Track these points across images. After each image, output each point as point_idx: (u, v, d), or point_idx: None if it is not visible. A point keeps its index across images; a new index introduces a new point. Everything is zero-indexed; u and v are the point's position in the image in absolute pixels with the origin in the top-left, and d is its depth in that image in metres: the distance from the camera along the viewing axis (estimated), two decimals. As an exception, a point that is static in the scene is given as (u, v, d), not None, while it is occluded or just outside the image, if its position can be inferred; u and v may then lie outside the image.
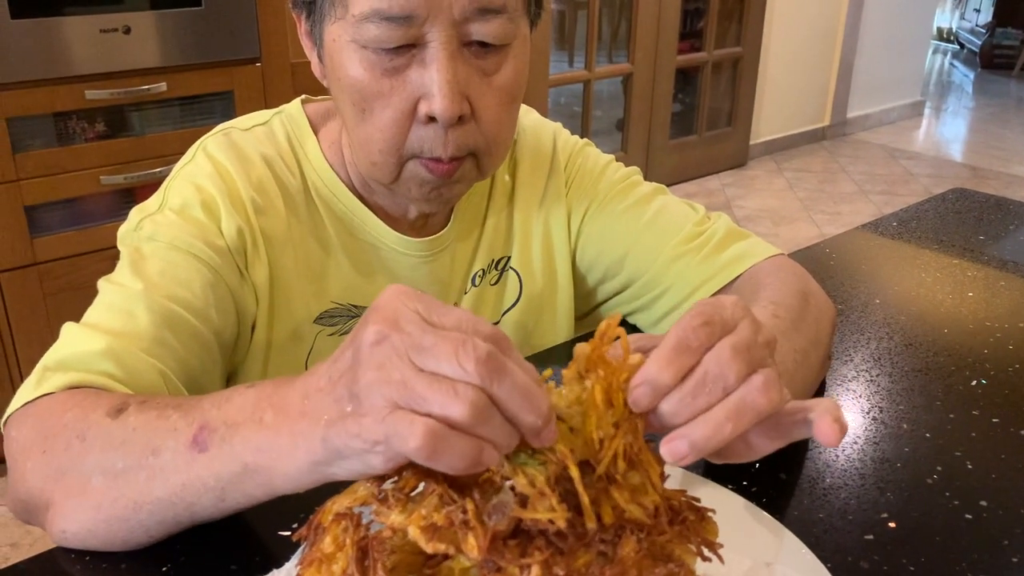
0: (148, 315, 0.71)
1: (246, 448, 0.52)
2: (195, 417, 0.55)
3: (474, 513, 0.46)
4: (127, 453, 0.57)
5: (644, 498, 0.48)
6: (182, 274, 0.75)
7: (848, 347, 0.90)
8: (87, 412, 0.61)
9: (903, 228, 1.23)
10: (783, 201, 4.25)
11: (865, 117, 5.38)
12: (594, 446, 0.48)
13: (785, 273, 0.84)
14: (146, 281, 0.73)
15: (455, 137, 0.74)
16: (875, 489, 0.68)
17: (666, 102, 4.24)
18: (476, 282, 0.92)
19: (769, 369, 0.50)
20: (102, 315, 0.72)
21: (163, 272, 0.74)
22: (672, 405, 0.48)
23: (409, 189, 0.78)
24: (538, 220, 0.94)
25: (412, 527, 0.47)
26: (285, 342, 0.84)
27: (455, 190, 0.79)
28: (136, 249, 0.76)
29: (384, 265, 0.87)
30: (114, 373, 0.67)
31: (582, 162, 0.96)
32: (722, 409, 0.48)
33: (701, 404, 0.48)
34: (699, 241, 0.89)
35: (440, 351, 0.44)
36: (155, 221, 0.78)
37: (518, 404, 0.45)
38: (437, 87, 0.71)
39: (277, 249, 0.82)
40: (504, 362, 0.45)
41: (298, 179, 0.85)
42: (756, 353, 0.50)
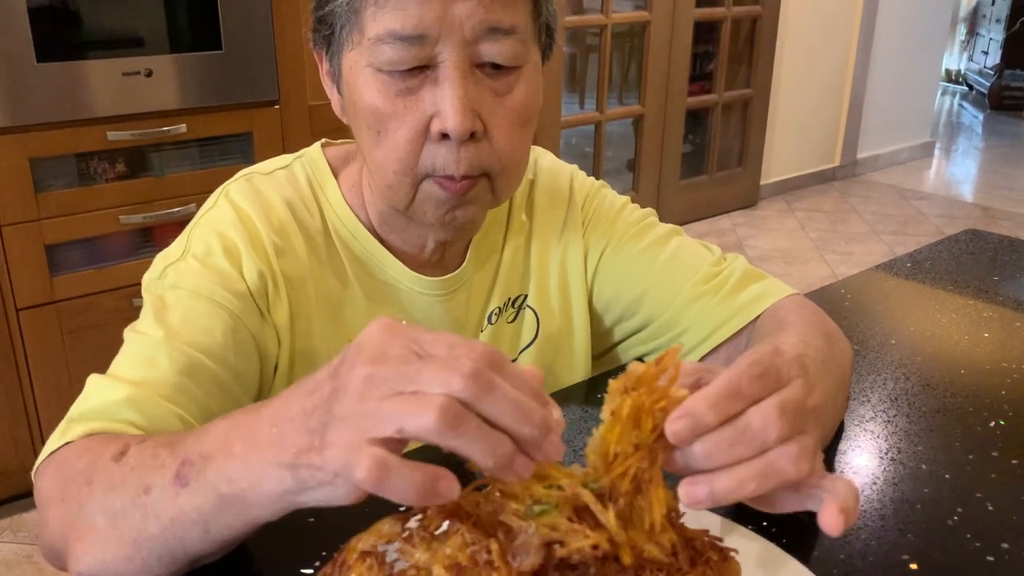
0: (169, 363, 0.73)
1: (219, 479, 0.53)
2: (179, 453, 0.57)
3: (498, 553, 0.46)
4: (124, 493, 0.59)
5: (661, 536, 0.49)
6: (203, 321, 0.76)
7: (865, 387, 0.90)
8: (96, 457, 0.63)
9: (917, 269, 1.24)
10: (795, 241, 4.26)
11: (875, 158, 5.40)
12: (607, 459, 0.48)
13: (807, 312, 0.84)
14: (167, 329, 0.75)
15: (467, 155, 0.75)
16: (895, 530, 0.68)
17: (677, 143, 4.27)
18: (493, 320, 0.93)
19: (807, 437, 0.51)
20: (125, 365, 0.74)
21: (185, 320, 0.76)
22: (707, 447, 0.49)
23: (425, 212, 0.80)
24: (555, 259, 0.95)
25: (437, 566, 0.48)
26: None
27: (469, 212, 0.80)
28: (159, 297, 0.78)
29: (401, 303, 0.89)
30: (135, 421, 0.68)
31: (599, 203, 0.97)
32: (749, 468, 0.49)
33: (736, 455, 0.49)
34: (716, 282, 0.90)
35: (424, 374, 0.45)
36: (178, 269, 0.80)
37: (511, 416, 0.45)
38: (449, 103, 0.73)
39: (297, 288, 0.83)
40: (492, 376, 0.45)
41: (318, 220, 0.86)
42: (801, 418, 0.51)
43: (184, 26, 2.21)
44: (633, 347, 0.97)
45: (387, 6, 0.72)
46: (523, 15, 0.75)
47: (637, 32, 4.33)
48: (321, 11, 0.78)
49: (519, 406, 0.45)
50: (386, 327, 0.48)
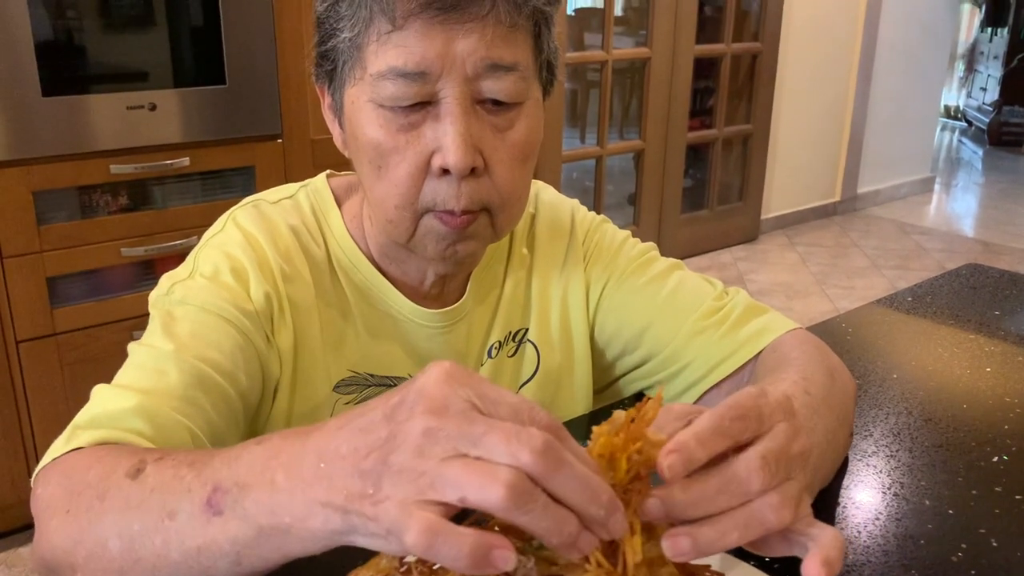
0: (179, 375, 0.72)
1: (260, 511, 0.51)
2: (208, 477, 0.54)
3: (497, 587, 0.46)
4: (143, 515, 0.56)
5: (661, 571, 0.48)
6: (212, 336, 0.76)
7: (867, 422, 0.90)
8: (109, 472, 0.60)
9: (918, 303, 1.24)
10: (796, 275, 4.26)
11: (875, 193, 5.42)
12: None
13: (809, 347, 0.84)
14: (177, 342, 0.74)
15: (468, 190, 0.75)
16: (899, 567, 0.67)
17: (677, 177, 4.29)
18: (493, 354, 0.93)
19: (792, 484, 0.51)
20: (133, 375, 0.73)
21: (194, 334, 0.76)
22: (692, 496, 0.48)
23: (425, 247, 0.80)
24: (556, 293, 0.95)
25: (436, 603, 0.47)
26: (306, 410, 0.85)
27: (470, 247, 0.80)
28: (167, 312, 0.78)
29: (401, 335, 0.88)
30: (144, 431, 0.67)
31: (600, 238, 0.97)
32: (731, 518, 0.49)
33: (721, 504, 0.49)
34: (718, 316, 0.90)
35: (491, 440, 0.43)
36: (186, 286, 0.80)
37: (579, 496, 0.44)
38: (450, 139, 0.73)
39: (303, 316, 0.83)
40: (562, 451, 0.44)
41: (322, 249, 0.87)
42: (784, 465, 0.50)
43: (188, 61, 2.23)
44: (635, 381, 0.97)
45: (389, 43, 0.73)
46: (525, 52, 0.76)
47: (638, 68, 4.37)
48: (324, 47, 0.79)
49: (588, 484, 0.44)
50: (448, 374, 0.46)
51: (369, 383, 0.88)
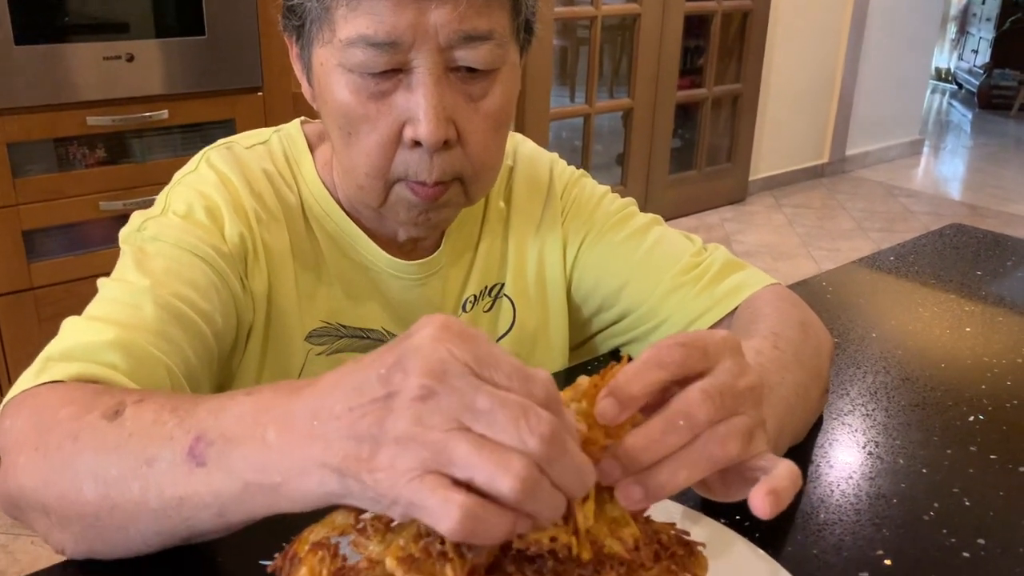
0: (155, 310, 0.70)
1: (247, 466, 0.48)
2: (191, 425, 0.52)
3: (452, 545, 0.45)
4: (121, 460, 0.54)
5: (623, 531, 0.47)
6: (187, 273, 0.74)
7: (844, 381, 0.89)
8: (83, 411, 0.57)
9: (900, 263, 1.22)
10: (782, 237, 4.25)
11: (864, 155, 5.40)
12: None
13: (784, 303, 0.83)
14: (152, 278, 0.72)
15: (440, 162, 0.74)
16: (871, 525, 0.67)
17: (666, 137, 4.26)
18: (468, 308, 0.91)
19: (741, 418, 0.49)
20: (106, 308, 0.70)
21: (168, 270, 0.73)
22: (639, 441, 0.47)
23: (397, 213, 0.78)
24: (533, 248, 0.94)
25: (389, 558, 0.46)
26: (278, 359, 0.83)
27: (442, 214, 0.79)
28: (139, 248, 0.76)
29: (375, 287, 0.87)
30: (119, 365, 0.65)
31: (578, 192, 0.95)
32: (678, 458, 0.47)
33: (671, 443, 0.47)
34: (696, 272, 0.88)
35: (499, 418, 0.41)
36: (159, 223, 0.78)
37: (575, 484, 0.43)
38: (422, 112, 0.71)
39: (277, 262, 0.82)
40: (565, 439, 0.42)
41: (295, 196, 0.85)
42: (731, 400, 0.49)
43: (167, 11, 2.18)
44: (612, 338, 0.96)
45: (359, 9, 0.70)
46: (501, 18, 0.73)
47: (628, 25, 4.31)
48: (291, 1, 0.76)
49: (583, 472, 0.43)
50: (444, 329, 0.43)
51: (341, 334, 0.86)
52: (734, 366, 0.50)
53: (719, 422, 0.48)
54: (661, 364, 0.48)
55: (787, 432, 0.68)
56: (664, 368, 0.48)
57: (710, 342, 0.51)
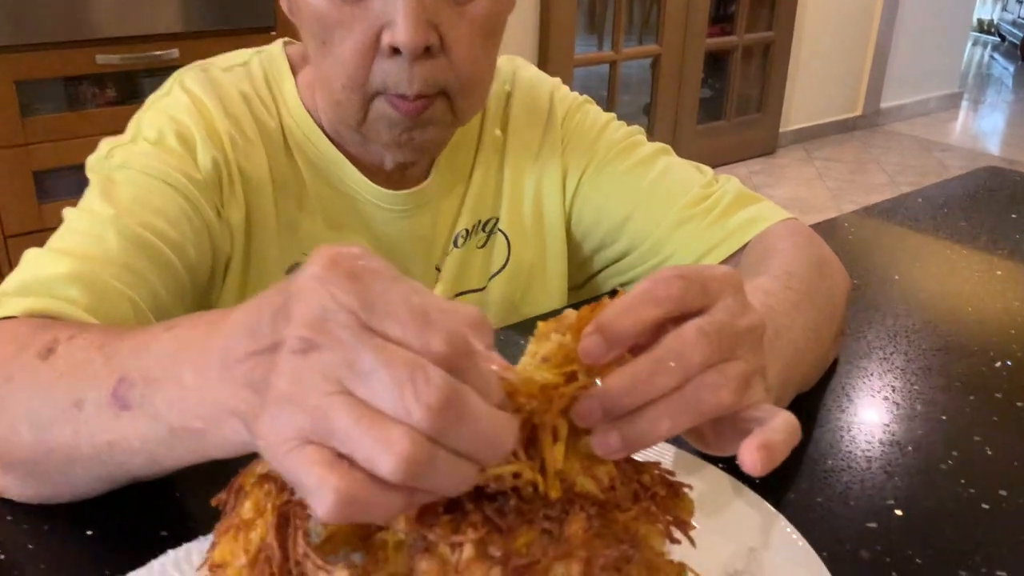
0: (119, 240, 0.66)
1: (171, 411, 0.44)
2: (116, 365, 0.48)
3: (402, 479, 0.40)
4: (52, 403, 0.50)
5: (598, 469, 0.42)
6: (157, 202, 0.70)
7: (862, 323, 0.83)
8: (19, 349, 0.54)
9: (928, 205, 1.15)
10: (812, 190, 4.15)
11: (899, 108, 5.24)
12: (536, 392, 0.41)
13: (799, 239, 0.77)
14: (118, 207, 0.68)
15: (422, 72, 0.68)
16: (882, 473, 0.62)
17: (695, 86, 4.14)
18: (459, 243, 0.86)
19: (736, 363, 0.43)
20: (68, 239, 0.66)
21: (136, 198, 0.69)
22: (624, 382, 0.41)
23: (378, 132, 0.73)
24: (530, 180, 0.88)
25: (337, 493, 0.41)
26: (258, 291, 0.79)
27: (427, 133, 0.73)
28: (107, 177, 0.71)
29: (360, 218, 0.82)
30: (78, 299, 0.61)
31: (580, 119, 0.89)
32: (662, 404, 0.41)
33: (659, 385, 0.41)
34: (706, 205, 0.82)
35: (381, 380, 0.34)
36: (128, 150, 0.73)
37: (480, 451, 0.35)
38: (400, 14, 0.65)
39: (256, 191, 0.77)
40: (466, 404, 0.34)
41: (276, 121, 0.80)
42: (728, 341, 0.43)
43: (178, -53, 2.12)
44: (614, 276, 0.90)
45: None
46: None
47: (656, -30, 4.18)
48: None
49: (494, 437, 0.36)
50: (329, 268, 0.36)
51: (324, 270, 0.82)
52: (734, 304, 0.45)
53: (712, 366, 0.42)
54: (655, 299, 0.43)
55: (795, 378, 0.63)
56: (659, 304, 0.42)
57: (710, 277, 0.45)
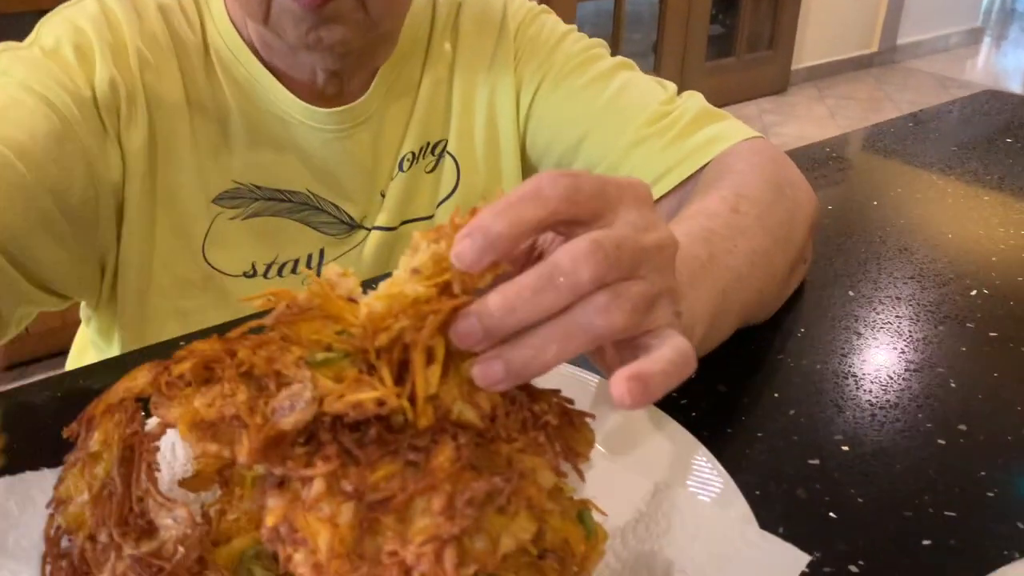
0: None
1: None
2: None
3: (245, 407, 0.35)
4: None
5: (478, 395, 0.37)
6: (26, 117, 0.64)
7: (831, 250, 0.77)
8: None
9: (920, 129, 1.09)
10: (823, 130, 4.04)
11: (917, 44, 5.08)
12: (406, 308, 0.36)
13: (761, 158, 0.71)
14: None
15: None
16: (832, 407, 0.57)
17: (704, 22, 4.02)
18: (404, 167, 0.81)
19: (635, 283, 0.37)
20: None
21: (5, 110, 0.64)
22: (507, 298, 0.35)
23: (284, 30, 0.67)
24: (482, 97, 0.82)
25: (181, 424, 0.37)
26: (174, 222, 0.74)
27: (336, 33, 0.67)
28: None
29: (292, 141, 0.76)
30: None
31: (536, 31, 0.83)
32: (548, 328, 0.36)
33: (544, 304, 0.36)
34: (665, 123, 0.76)
35: None
36: (16, 57, 0.68)
37: None
38: None
39: (165, 113, 0.71)
40: None
41: (198, 36, 0.74)
42: (629, 257, 0.37)
43: None
44: (572, 202, 0.84)
45: None
46: None
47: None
48: None
49: None
50: None
51: (256, 196, 0.77)
52: (638, 218, 0.39)
53: (608, 285, 0.37)
54: (539, 196, 0.37)
55: (733, 307, 0.57)
56: (542, 202, 0.37)
57: (607, 181, 0.39)
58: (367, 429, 0.37)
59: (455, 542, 0.33)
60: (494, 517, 0.36)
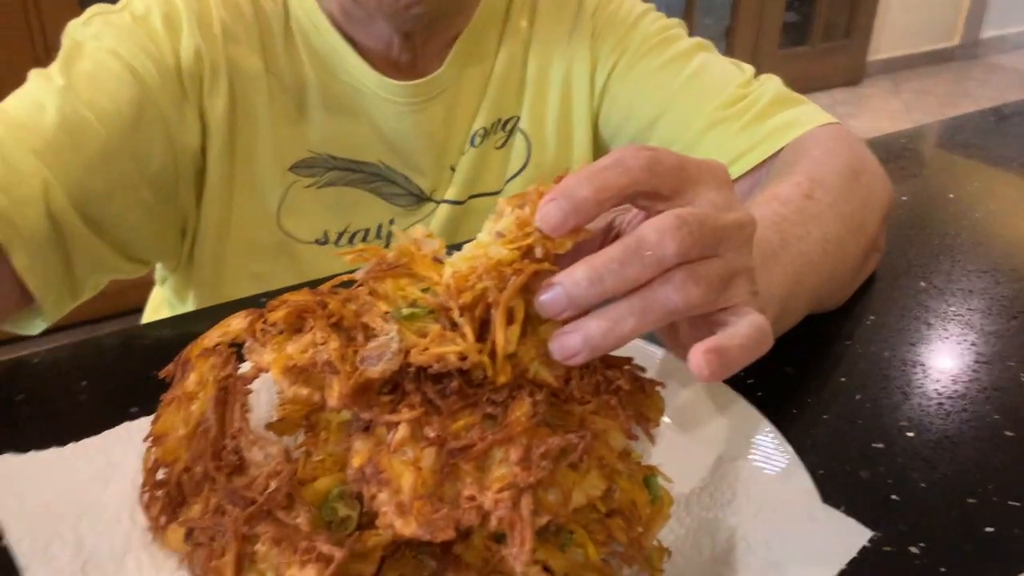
0: (56, 115, 0.65)
1: None
2: None
3: (337, 354, 0.37)
4: None
5: (554, 358, 0.39)
6: (112, 84, 0.68)
7: (904, 240, 0.77)
8: None
9: (1004, 124, 1.07)
10: (897, 124, 3.95)
11: (1001, 39, 4.92)
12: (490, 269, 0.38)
13: (838, 144, 0.70)
14: (69, 80, 0.67)
15: None
16: (898, 394, 0.57)
17: (779, 7, 3.95)
18: (476, 142, 0.82)
19: (714, 262, 0.38)
20: (13, 102, 0.66)
21: (92, 76, 0.67)
22: (595, 269, 0.37)
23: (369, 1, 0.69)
24: (557, 75, 0.83)
25: (275, 368, 0.39)
26: (252, 188, 0.76)
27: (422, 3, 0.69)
28: (77, 44, 0.70)
29: (366, 112, 0.78)
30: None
31: (614, 9, 0.83)
32: (626, 302, 0.37)
33: (629, 277, 0.37)
34: (742, 105, 0.76)
35: None
36: (108, 21, 0.71)
37: None
38: None
39: (246, 83, 0.74)
40: None
41: (279, 7, 0.76)
42: (711, 234, 0.38)
43: None
44: (643, 183, 0.85)
45: None
46: None
47: None
48: None
49: None
50: None
51: (331, 165, 0.79)
52: (718, 197, 0.40)
53: (690, 262, 0.38)
54: (621, 165, 0.38)
55: (803, 293, 0.57)
56: (624, 171, 0.38)
57: (687, 159, 0.40)
58: (448, 381, 0.38)
59: (531, 491, 0.35)
60: (566, 472, 0.38)
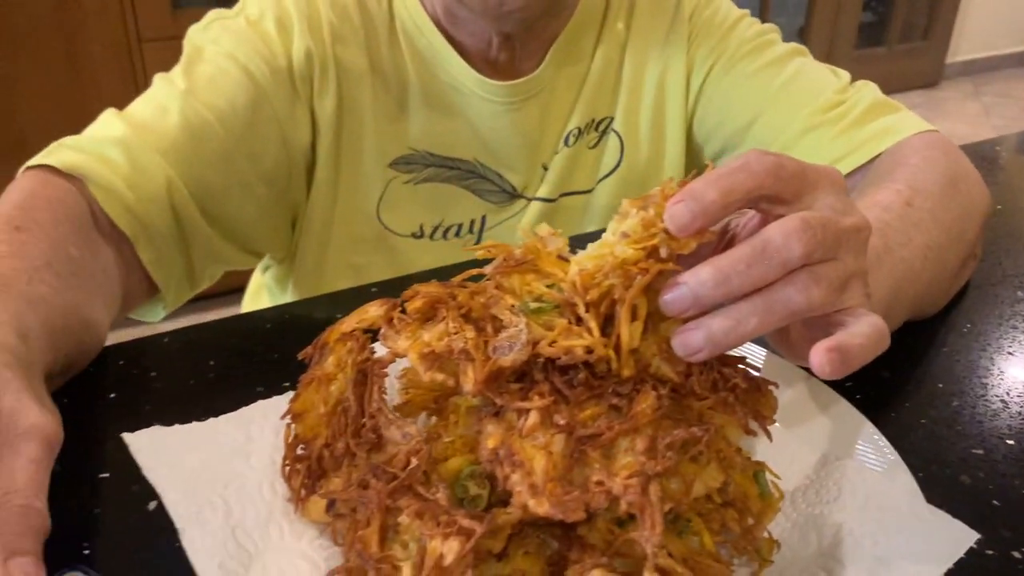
0: (179, 117, 0.69)
1: None
2: None
3: (474, 343, 0.40)
4: None
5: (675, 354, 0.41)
6: (229, 87, 0.72)
7: (998, 250, 0.77)
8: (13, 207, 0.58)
9: (1099, 133, 1.05)
10: (976, 128, 3.86)
11: (1088, 42, 4.77)
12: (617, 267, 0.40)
13: (935, 152, 0.71)
14: (191, 83, 0.71)
15: None
16: (998, 401, 0.57)
17: (856, 7, 3.89)
18: (570, 142, 0.84)
19: (834, 264, 0.40)
20: (139, 106, 0.71)
21: (212, 79, 0.72)
22: (720, 270, 0.39)
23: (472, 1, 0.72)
24: (652, 77, 0.85)
25: (412, 353, 0.42)
26: (353, 184, 0.80)
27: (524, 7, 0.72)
28: (198, 49, 0.74)
29: (464, 111, 0.81)
30: (119, 164, 0.65)
31: (711, 13, 0.85)
32: (749, 302, 0.39)
33: (755, 277, 0.39)
34: (838, 111, 0.77)
35: None
36: (225, 26, 0.75)
37: None
38: None
39: (353, 82, 0.77)
40: None
41: (384, 9, 0.79)
42: (833, 237, 0.40)
43: None
44: (735, 185, 0.86)
45: None
46: None
47: None
48: None
49: None
50: None
51: (429, 162, 0.82)
52: (837, 202, 0.42)
53: (812, 264, 0.40)
54: (747, 169, 0.40)
55: (905, 299, 0.59)
56: (750, 175, 0.40)
57: (807, 164, 0.42)
58: (575, 373, 0.41)
59: (657, 479, 0.37)
60: (688, 464, 0.40)
